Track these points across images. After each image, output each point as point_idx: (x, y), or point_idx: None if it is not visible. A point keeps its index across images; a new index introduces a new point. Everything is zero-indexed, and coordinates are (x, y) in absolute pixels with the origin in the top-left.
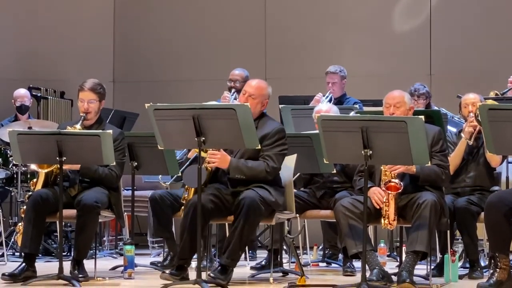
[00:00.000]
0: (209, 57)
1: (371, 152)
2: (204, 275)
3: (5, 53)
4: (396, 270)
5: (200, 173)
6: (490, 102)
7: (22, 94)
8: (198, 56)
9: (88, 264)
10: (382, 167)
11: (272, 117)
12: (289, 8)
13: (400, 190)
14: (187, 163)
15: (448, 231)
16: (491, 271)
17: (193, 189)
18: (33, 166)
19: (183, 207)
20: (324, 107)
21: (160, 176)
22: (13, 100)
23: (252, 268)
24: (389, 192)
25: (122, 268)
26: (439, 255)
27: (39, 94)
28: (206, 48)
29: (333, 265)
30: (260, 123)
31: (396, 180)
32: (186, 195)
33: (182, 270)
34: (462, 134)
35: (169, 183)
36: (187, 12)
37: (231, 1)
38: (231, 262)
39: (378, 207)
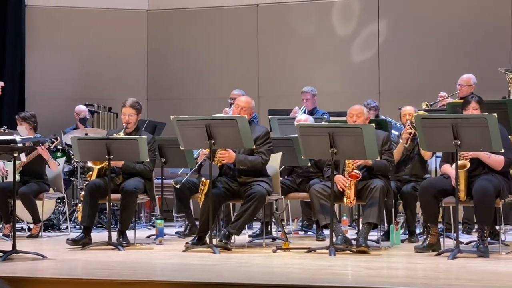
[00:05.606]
0: (214, 80)
1: (336, 150)
2: (214, 241)
3: (69, 79)
4: (355, 237)
5: (211, 166)
6: (422, 113)
7: (83, 109)
8: (205, 80)
9: (129, 233)
10: (346, 161)
11: (262, 125)
12: (276, 46)
13: (359, 178)
14: (199, 163)
15: (393, 208)
16: (425, 236)
17: (207, 183)
18: (89, 163)
19: (200, 196)
20: (303, 117)
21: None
22: (75, 114)
23: (249, 236)
24: (351, 179)
25: (154, 236)
26: (386, 225)
27: (92, 109)
28: (212, 74)
29: (308, 233)
30: (251, 128)
31: (357, 171)
32: (202, 187)
33: (201, 240)
34: (400, 139)
35: (188, 175)
36: (198, 50)
37: (232, 42)
38: (237, 232)
39: (341, 190)
